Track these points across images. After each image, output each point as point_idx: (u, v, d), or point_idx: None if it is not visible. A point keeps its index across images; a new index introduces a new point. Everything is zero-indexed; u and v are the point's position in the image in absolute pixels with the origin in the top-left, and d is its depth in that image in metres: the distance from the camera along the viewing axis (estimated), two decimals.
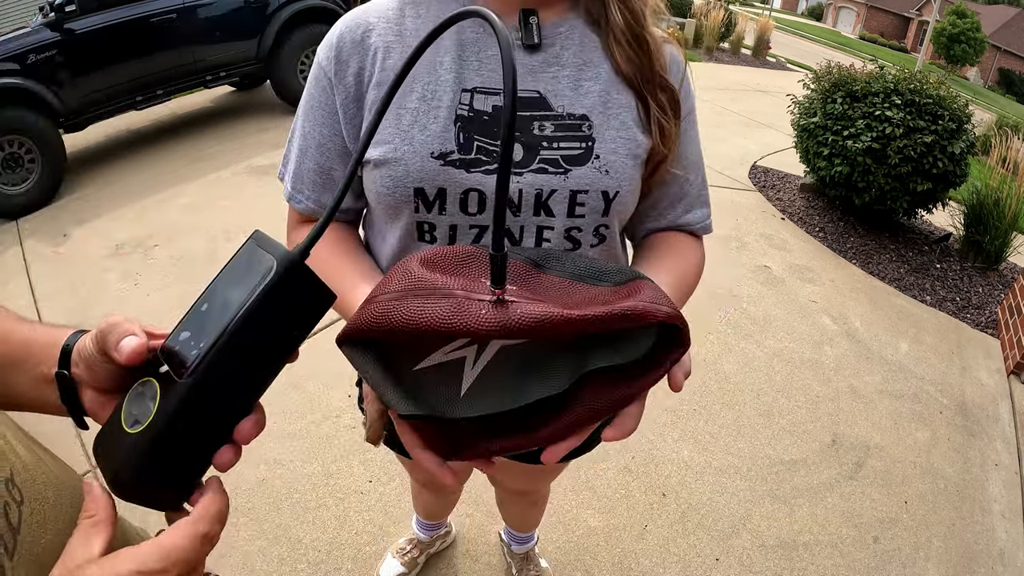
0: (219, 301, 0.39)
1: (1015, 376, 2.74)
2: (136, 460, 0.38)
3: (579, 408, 0.48)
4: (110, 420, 0.41)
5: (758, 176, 4.60)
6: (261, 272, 0.39)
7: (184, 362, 0.38)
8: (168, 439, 0.38)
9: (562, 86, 0.66)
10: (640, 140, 0.68)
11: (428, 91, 0.65)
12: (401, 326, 0.44)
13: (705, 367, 2.47)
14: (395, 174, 0.64)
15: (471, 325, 0.42)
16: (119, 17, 3.91)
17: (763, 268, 3.28)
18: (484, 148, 0.64)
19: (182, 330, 0.40)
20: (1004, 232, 3.59)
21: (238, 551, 1.61)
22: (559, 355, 0.49)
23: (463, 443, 0.49)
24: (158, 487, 0.40)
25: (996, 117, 9.42)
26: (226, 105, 5.37)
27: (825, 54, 15.22)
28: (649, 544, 1.75)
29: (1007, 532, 1.96)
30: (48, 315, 2.58)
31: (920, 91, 3.46)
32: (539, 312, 0.43)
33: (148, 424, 0.38)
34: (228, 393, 0.40)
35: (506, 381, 0.49)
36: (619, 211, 0.69)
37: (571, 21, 0.68)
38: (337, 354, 0.53)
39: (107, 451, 0.40)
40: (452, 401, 0.49)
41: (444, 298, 0.44)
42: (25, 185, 3.55)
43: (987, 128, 6.63)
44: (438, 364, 0.49)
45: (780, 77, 9.38)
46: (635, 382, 0.48)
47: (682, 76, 0.72)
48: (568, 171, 0.65)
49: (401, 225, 0.68)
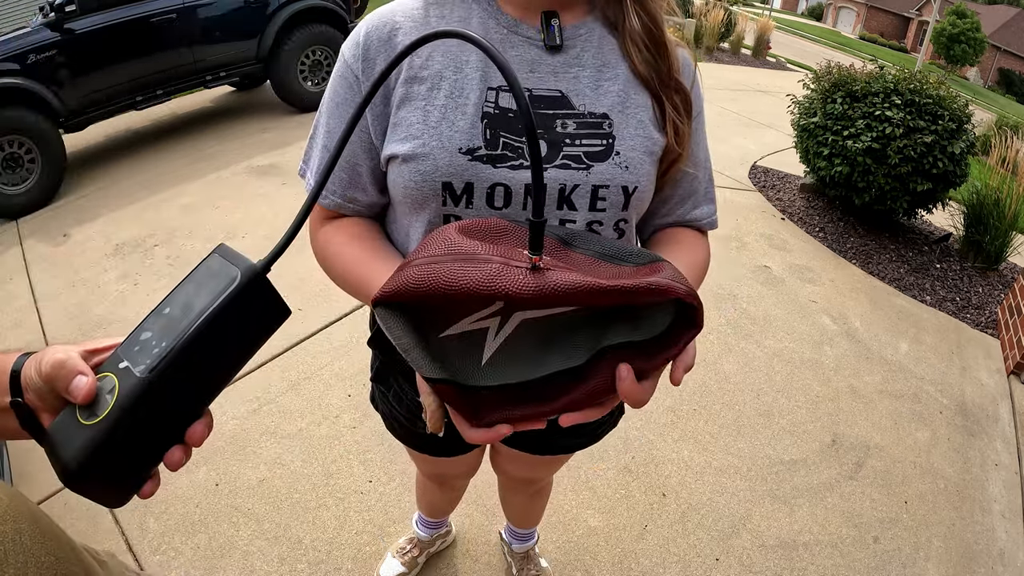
0: (181, 306, 0.41)
1: (1015, 376, 2.74)
2: (90, 451, 0.39)
3: (596, 380, 0.50)
4: (64, 412, 0.42)
5: (758, 176, 4.60)
6: (225, 281, 0.41)
7: (144, 359, 0.39)
8: (123, 432, 0.39)
9: (583, 86, 0.69)
10: (656, 138, 0.71)
11: (456, 89, 0.67)
12: (442, 288, 0.46)
13: (705, 367, 2.47)
14: (423, 168, 0.66)
15: (510, 288, 0.45)
16: (119, 17, 3.90)
17: (763, 268, 3.28)
18: (510, 144, 0.66)
19: (143, 330, 0.41)
20: (1004, 232, 3.58)
21: (238, 551, 1.62)
22: (578, 329, 0.51)
23: (484, 409, 0.51)
24: (108, 480, 0.41)
25: (996, 117, 9.42)
26: (226, 105, 5.37)
27: (825, 54, 15.22)
28: (649, 544, 1.75)
29: (1007, 532, 1.96)
30: (48, 315, 2.58)
31: (920, 91, 3.46)
32: (575, 280, 0.45)
33: (104, 416, 0.39)
34: (183, 393, 0.41)
35: (526, 352, 0.51)
36: (637, 206, 0.71)
37: (589, 24, 0.71)
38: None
39: (60, 442, 0.41)
40: (474, 369, 0.51)
41: (484, 263, 0.46)
42: (25, 185, 3.55)
43: (987, 128, 6.63)
44: (461, 333, 0.51)
45: (780, 77, 9.38)
46: (651, 358, 0.51)
47: (693, 78, 0.74)
48: (590, 167, 0.68)
49: (426, 219, 0.70)
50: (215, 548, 1.62)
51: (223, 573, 1.56)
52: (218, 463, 1.86)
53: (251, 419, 2.02)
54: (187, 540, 1.64)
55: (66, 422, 0.41)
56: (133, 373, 0.39)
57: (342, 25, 4.89)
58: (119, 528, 1.66)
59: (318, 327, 2.45)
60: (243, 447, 1.92)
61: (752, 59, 10.96)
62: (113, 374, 0.40)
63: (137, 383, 0.39)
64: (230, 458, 1.88)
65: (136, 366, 0.40)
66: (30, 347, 2.04)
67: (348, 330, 2.46)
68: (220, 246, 0.44)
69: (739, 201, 4.09)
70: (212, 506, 1.73)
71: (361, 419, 2.05)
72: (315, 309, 2.56)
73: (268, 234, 3.18)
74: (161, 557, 1.59)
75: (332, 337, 2.41)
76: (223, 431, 1.94)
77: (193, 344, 0.39)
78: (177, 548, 1.62)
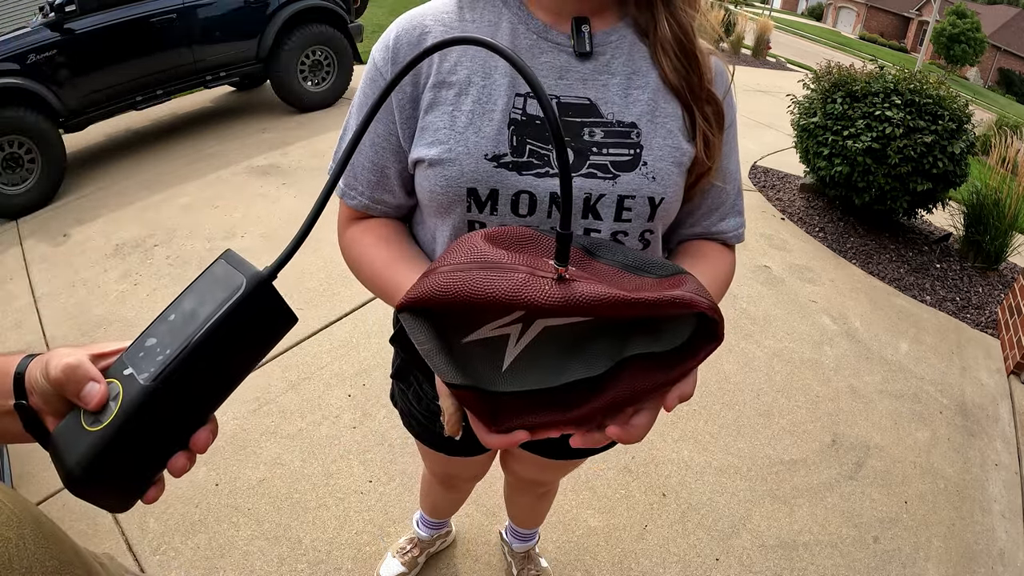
0: (186, 313, 0.41)
1: (1015, 376, 2.74)
2: (94, 457, 0.39)
3: (616, 390, 0.50)
4: (68, 418, 0.42)
5: (758, 176, 4.60)
6: (230, 288, 0.41)
7: (148, 367, 0.40)
8: (128, 438, 0.40)
9: (612, 94, 0.68)
10: (685, 148, 0.69)
11: (483, 95, 0.66)
12: (467, 296, 0.46)
13: (705, 367, 2.45)
14: (449, 174, 0.66)
15: (537, 299, 0.45)
16: (119, 17, 3.90)
17: (763, 268, 3.28)
18: (536, 152, 0.66)
19: (148, 336, 0.41)
20: (1004, 232, 3.58)
21: (238, 551, 1.62)
22: (600, 339, 0.51)
23: (503, 415, 0.52)
24: (112, 486, 0.41)
25: (996, 117, 9.42)
26: (226, 105, 5.37)
27: (825, 54, 15.22)
28: (649, 544, 1.75)
29: (1007, 532, 1.96)
30: (48, 315, 2.58)
31: (920, 91, 3.46)
32: (600, 292, 0.45)
33: (108, 423, 0.39)
34: (188, 399, 0.41)
35: (547, 360, 0.51)
36: (663, 217, 0.70)
37: (621, 31, 0.70)
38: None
39: (64, 447, 0.41)
40: (494, 375, 0.51)
41: (510, 272, 0.47)
42: (25, 185, 3.55)
43: (987, 128, 6.63)
44: (484, 339, 0.51)
45: (780, 77, 9.38)
46: (671, 370, 0.51)
47: (726, 89, 0.73)
48: (617, 176, 0.67)
49: (451, 223, 0.70)
50: (215, 548, 1.62)
51: (223, 573, 1.56)
52: (218, 463, 1.86)
53: (251, 419, 2.02)
54: (187, 540, 1.64)
55: (71, 427, 0.41)
56: (138, 380, 0.39)
57: (342, 25, 4.89)
58: (119, 528, 1.66)
59: (318, 327, 2.45)
60: (243, 447, 1.92)
61: (752, 59, 10.96)
62: (118, 380, 0.40)
63: (142, 390, 0.39)
64: (230, 458, 1.88)
65: (140, 373, 0.40)
66: (31, 347, 2.04)
67: (348, 330, 2.46)
68: (226, 252, 0.44)
69: None
70: (212, 506, 1.73)
71: (361, 419, 2.04)
72: (315, 309, 2.56)
73: (267, 234, 3.18)
74: (161, 557, 1.59)
75: (332, 337, 2.41)
76: (223, 431, 1.94)
77: (197, 352, 0.39)
78: (177, 548, 1.62)
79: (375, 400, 2.11)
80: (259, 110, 5.14)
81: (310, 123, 4.74)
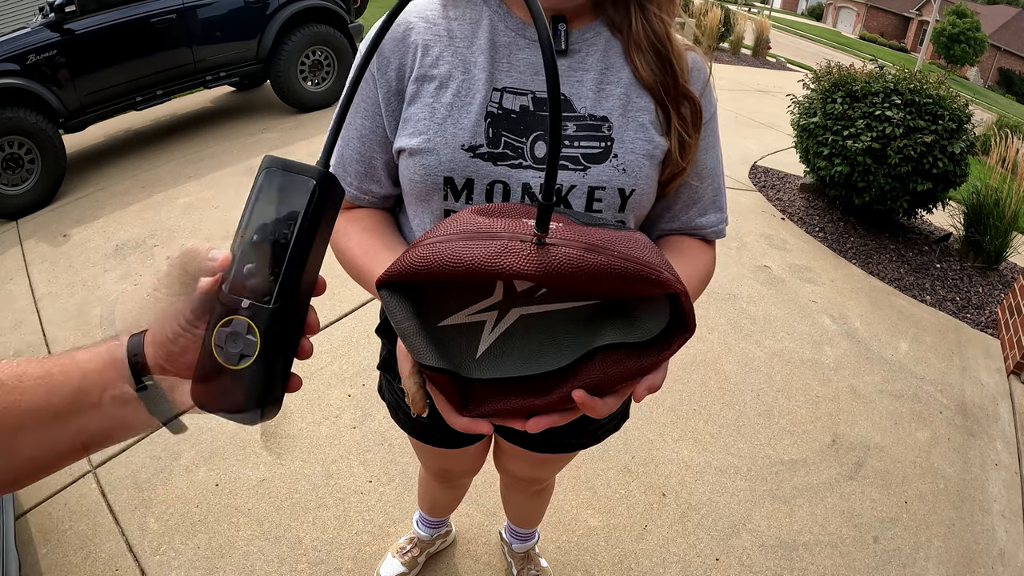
0: (269, 229, 0.43)
1: (1015, 376, 2.74)
2: (260, 386, 0.44)
3: (587, 376, 0.50)
4: (205, 373, 0.44)
5: (758, 176, 4.60)
6: (305, 192, 0.43)
7: (269, 290, 0.43)
8: (278, 359, 0.44)
9: (585, 89, 0.70)
10: (658, 142, 0.71)
11: (463, 88, 0.69)
12: (446, 265, 0.46)
13: (705, 367, 2.47)
14: (427, 163, 0.69)
15: (513, 266, 0.45)
16: (119, 17, 3.90)
17: (763, 268, 3.28)
18: (511, 144, 0.69)
19: (243, 263, 0.44)
20: (1004, 232, 3.59)
21: (238, 551, 1.62)
22: (574, 328, 0.51)
23: (474, 400, 0.52)
24: (277, 399, 0.47)
25: (996, 117, 9.42)
26: (226, 105, 5.37)
27: (825, 54, 15.22)
28: (649, 544, 1.75)
29: (1007, 532, 1.96)
30: (48, 315, 2.58)
31: (920, 91, 3.46)
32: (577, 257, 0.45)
33: (258, 353, 0.43)
34: (302, 303, 0.46)
35: (521, 348, 0.51)
36: (635, 208, 0.72)
37: (597, 28, 0.72)
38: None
39: (220, 396, 0.44)
40: (468, 361, 0.51)
41: (489, 239, 0.47)
42: (25, 185, 3.55)
43: (987, 128, 6.62)
44: (459, 324, 0.51)
45: (780, 77, 9.38)
46: (644, 360, 0.51)
47: (704, 83, 0.74)
48: (587, 168, 0.69)
49: (431, 212, 0.72)
50: (215, 548, 1.62)
51: (223, 573, 1.56)
52: (218, 463, 1.86)
53: None
54: (187, 540, 1.64)
55: (212, 375, 0.43)
56: (262, 307, 0.42)
57: (342, 25, 4.89)
58: (119, 528, 1.66)
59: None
60: (243, 447, 1.92)
61: (752, 59, 10.96)
62: (240, 315, 0.43)
63: (273, 314, 0.42)
64: (230, 458, 1.88)
65: (262, 299, 0.42)
66: (30, 348, 2.03)
67: (348, 330, 2.46)
68: (269, 158, 0.45)
69: (739, 201, 4.10)
70: (212, 506, 1.73)
71: (361, 419, 2.05)
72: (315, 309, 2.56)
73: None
74: (161, 557, 1.59)
75: (332, 337, 2.41)
76: (223, 431, 1.94)
77: (300, 259, 0.43)
78: (177, 548, 1.62)
79: (375, 400, 2.11)
80: (259, 110, 5.14)
81: (310, 123, 4.74)
